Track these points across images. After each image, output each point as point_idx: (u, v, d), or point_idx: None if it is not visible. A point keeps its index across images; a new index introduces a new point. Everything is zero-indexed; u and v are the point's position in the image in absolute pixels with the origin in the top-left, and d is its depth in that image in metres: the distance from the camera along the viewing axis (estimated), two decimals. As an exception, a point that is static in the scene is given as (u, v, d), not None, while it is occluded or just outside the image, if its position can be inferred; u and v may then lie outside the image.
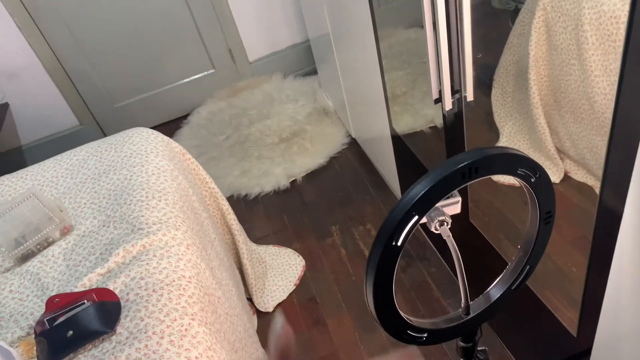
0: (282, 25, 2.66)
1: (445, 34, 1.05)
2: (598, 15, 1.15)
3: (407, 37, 1.93)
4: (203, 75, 2.69)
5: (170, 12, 2.44)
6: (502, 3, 1.81)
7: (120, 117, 2.64)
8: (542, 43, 1.36)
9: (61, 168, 1.24)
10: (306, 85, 2.61)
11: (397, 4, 1.81)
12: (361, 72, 1.72)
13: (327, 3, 1.79)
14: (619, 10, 1.15)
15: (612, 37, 1.11)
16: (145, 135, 1.28)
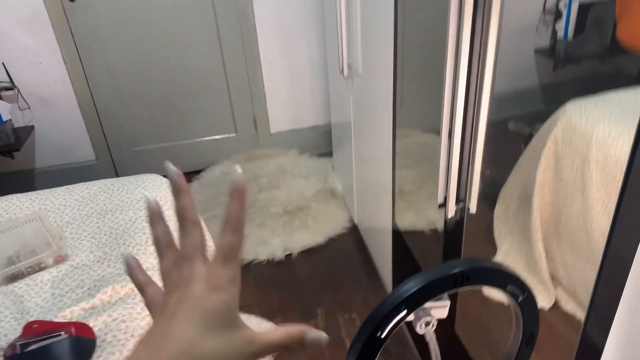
0: (308, 106, 2.79)
1: (459, 145, 1.11)
2: (604, 157, 1.22)
3: (422, 140, 2.02)
4: (225, 137, 2.78)
5: (207, 72, 2.58)
6: (517, 127, 1.91)
7: (136, 160, 2.71)
8: (550, 171, 1.42)
9: (71, 198, 1.28)
10: (320, 164, 2.69)
11: (418, 108, 1.91)
12: (374, 164, 1.78)
13: (354, 95, 1.90)
14: (624, 155, 1.22)
15: (615, 180, 1.16)
16: (158, 182, 1.33)
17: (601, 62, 1.70)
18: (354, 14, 1.63)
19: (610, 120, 1.28)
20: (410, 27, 1.39)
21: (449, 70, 1.01)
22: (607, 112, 1.31)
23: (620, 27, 1.56)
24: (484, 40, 0.91)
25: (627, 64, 1.59)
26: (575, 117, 1.35)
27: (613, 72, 1.66)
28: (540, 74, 1.82)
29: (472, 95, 1.09)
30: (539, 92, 1.89)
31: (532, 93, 1.87)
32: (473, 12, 0.92)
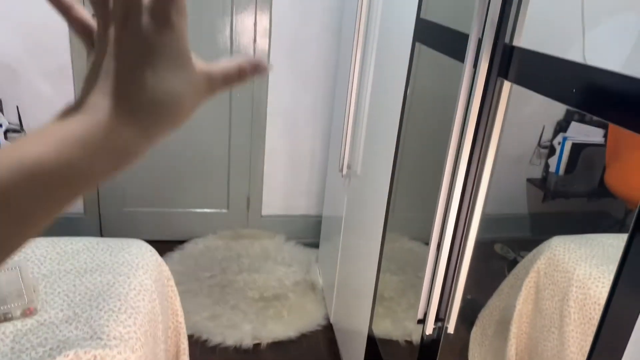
0: (303, 194, 2.84)
1: (446, 261, 1.13)
2: (584, 296, 1.24)
3: (410, 248, 2.04)
4: (215, 211, 2.80)
5: (212, 146, 2.66)
6: (503, 250, 1.95)
7: (123, 221, 2.70)
8: (530, 302, 1.43)
9: (53, 251, 1.27)
10: (304, 254, 2.69)
11: (409, 215, 1.95)
12: (359, 263, 1.79)
13: (349, 194, 1.95)
14: (603, 299, 1.24)
15: (592, 321, 1.17)
16: (143, 249, 1.32)
17: (589, 201, 1.78)
18: (360, 120, 1.72)
19: (592, 262, 1.32)
20: (412, 140, 1.46)
21: (445, 187, 1.05)
22: (590, 253, 1.35)
23: (609, 172, 1.65)
24: (480, 164, 0.97)
25: (614, 207, 1.66)
26: (559, 253, 1.39)
27: (600, 213, 1.73)
28: (530, 202, 1.89)
29: (463, 214, 1.13)
30: (528, 220, 1.95)
31: (521, 220, 1.92)
32: (473, 137, 0.99)
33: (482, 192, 1.03)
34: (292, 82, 2.59)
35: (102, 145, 0.30)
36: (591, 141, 1.74)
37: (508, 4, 0.76)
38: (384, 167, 1.47)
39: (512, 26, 0.75)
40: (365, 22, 1.62)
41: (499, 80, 0.76)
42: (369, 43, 1.62)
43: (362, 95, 1.70)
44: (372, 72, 1.59)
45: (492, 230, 1.87)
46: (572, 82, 0.61)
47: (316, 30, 2.51)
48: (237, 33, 2.47)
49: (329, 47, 2.55)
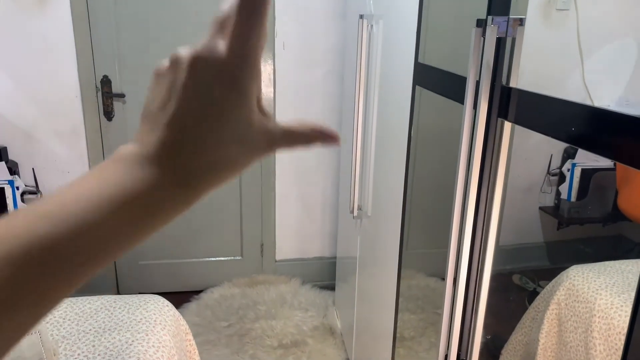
0: (316, 237, 2.84)
1: (463, 297, 1.12)
2: (607, 327, 1.22)
3: (426, 284, 2.02)
4: (229, 259, 2.80)
5: (223, 196, 2.69)
6: (522, 281, 1.92)
7: (139, 274, 2.72)
8: (553, 335, 1.41)
9: (72, 311, 1.28)
10: (321, 298, 2.66)
11: (423, 251, 1.94)
12: (377, 304, 1.77)
13: (362, 235, 1.95)
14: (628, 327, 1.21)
15: (619, 352, 1.15)
16: (160, 305, 1.33)
17: (604, 226, 1.76)
18: (367, 162, 1.75)
19: (612, 290, 1.30)
20: (420, 177, 1.48)
21: (455, 222, 1.06)
22: (610, 281, 1.33)
23: (621, 196, 1.64)
24: (489, 197, 0.97)
25: (629, 230, 1.64)
26: (578, 283, 1.37)
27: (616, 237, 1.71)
28: (545, 231, 1.88)
29: (477, 247, 1.13)
30: (544, 249, 1.93)
31: (537, 249, 1.91)
32: (479, 173, 1.00)
33: (493, 224, 1.04)
34: (298, 127, 2.64)
35: (150, 205, 0.29)
36: (601, 166, 1.75)
37: (502, 46, 0.79)
38: (394, 206, 1.48)
39: (508, 68, 0.78)
40: (365, 67, 1.67)
41: (499, 121, 0.78)
42: (370, 87, 1.66)
43: (368, 138, 1.73)
44: (376, 115, 1.63)
45: (509, 262, 1.85)
46: (571, 121, 0.63)
47: (320, 76, 2.57)
48: (242, 84, 2.54)
49: (332, 92, 2.60)
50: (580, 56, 1.48)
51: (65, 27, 2.31)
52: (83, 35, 2.34)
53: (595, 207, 1.75)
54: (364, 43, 1.64)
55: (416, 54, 1.18)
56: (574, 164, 1.75)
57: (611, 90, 1.54)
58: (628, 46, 1.43)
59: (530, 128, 0.73)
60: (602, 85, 1.53)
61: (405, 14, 1.27)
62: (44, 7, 2.27)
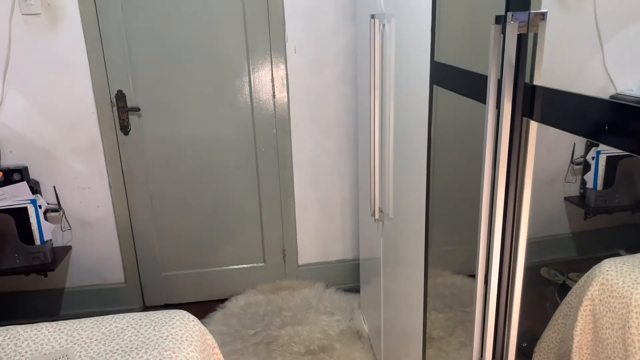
0: (338, 240, 2.82)
1: (496, 295, 1.09)
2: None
3: (452, 282, 1.98)
4: (252, 266, 2.80)
5: (243, 204, 2.68)
6: (551, 274, 1.88)
7: (163, 285, 2.73)
8: (588, 332, 1.36)
9: (98, 331, 1.28)
10: (346, 301, 2.64)
11: (448, 249, 1.91)
12: (404, 304, 1.75)
13: (385, 237, 1.92)
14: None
15: (659, 349, 1.10)
16: (186, 321, 1.32)
17: (633, 214, 1.71)
18: (386, 164, 1.72)
19: (649, 285, 1.25)
20: (442, 176, 1.44)
21: (484, 219, 1.03)
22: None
23: (649, 182, 1.58)
24: (518, 194, 0.94)
25: (661, 217, 1.58)
26: (612, 277, 1.32)
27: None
28: (572, 222, 1.83)
29: (507, 242, 1.10)
30: (572, 240, 1.88)
31: (564, 240, 1.85)
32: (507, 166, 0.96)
33: (524, 224, 1.01)
34: (313, 131, 2.62)
35: None
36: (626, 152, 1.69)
37: (523, 42, 0.75)
38: (416, 206, 1.46)
39: (531, 65, 0.75)
40: (380, 68, 1.64)
41: (524, 120, 0.75)
42: (386, 87, 1.63)
43: (386, 139, 1.70)
44: (393, 115, 1.60)
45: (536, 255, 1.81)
46: (601, 119, 0.60)
47: (332, 78, 2.55)
48: (257, 90, 2.54)
49: (346, 93, 2.58)
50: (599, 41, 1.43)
51: (78, 45, 2.33)
52: (96, 51, 2.36)
53: (623, 194, 1.70)
54: (376, 43, 1.61)
55: (432, 53, 1.15)
56: (598, 151, 1.69)
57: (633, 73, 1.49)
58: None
59: (557, 127, 0.70)
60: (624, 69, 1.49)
61: (418, 12, 1.24)
62: (56, 27, 2.29)
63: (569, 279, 1.69)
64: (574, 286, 1.52)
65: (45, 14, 2.27)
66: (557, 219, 1.89)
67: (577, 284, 1.48)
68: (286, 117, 2.58)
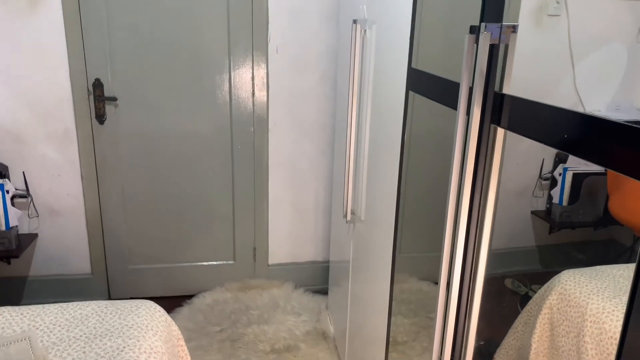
0: (309, 242, 2.84)
1: (457, 299, 1.12)
2: (599, 331, 1.22)
3: (419, 288, 2.02)
4: (222, 263, 2.79)
5: (216, 200, 2.68)
6: (514, 285, 1.93)
7: (130, 278, 2.70)
8: (545, 340, 1.41)
9: (62, 317, 1.26)
10: (313, 302, 2.66)
11: (416, 255, 1.94)
12: (370, 307, 1.77)
13: (355, 239, 1.95)
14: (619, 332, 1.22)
15: (610, 357, 1.16)
16: (152, 310, 1.32)
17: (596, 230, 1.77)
18: (361, 167, 1.75)
19: (604, 295, 1.31)
20: (414, 181, 1.48)
21: (449, 226, 1.06)
22: (602, 286, 1.34)
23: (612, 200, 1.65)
24: (482, 202, 0.98)
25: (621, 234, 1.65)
26: (570, 288, 1.38)
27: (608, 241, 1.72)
28: (537, 235, 1.88)
29: (470, 251, 1.13)
30: (536, 253, 1.94)
31: (529, 253, 1.91)
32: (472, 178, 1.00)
33: (486, 230, 1.04)
34: (291, 132, 2.64)
35: None
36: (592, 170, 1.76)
37: (495, 53, 0.79)
38: (387, 210, 1.49)
39: (501, 74, 0.78)
40: (359, 72, 1.67)
41: (492, 127, 0.79)
42: (364, 92, 1.66)
43: (361, 143, 1.73)
44: (369, 119, 1.63)
45: (501, 265, 1.86)
46: (563, 127, 0.63)
47: (313, 80, 2.58)
48: (236, 87, 2.54)
49: (325, 96, 2.61)
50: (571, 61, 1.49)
51: (57, 30, 2.30)
52: (75, 38, 2.33)
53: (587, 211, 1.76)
54: (357, 48, 1.64)
55: (409, 60, 1.18)
56: (565, 168, 1.75)
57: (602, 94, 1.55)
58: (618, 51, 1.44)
59: (522, 134, 0.73)
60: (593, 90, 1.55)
61: (398, 20, 1.27)
62: (35, 10, 2.26)
63: (532, 291, 1.74)
64: (534, 295, 1.57)
65: (25, -4, 2.24)
66: (523, 232, 1.95)
67: (538, 292, 1.53)
68: (264, 117, 2.59)
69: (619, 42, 1.47)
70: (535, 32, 1.57)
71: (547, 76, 1.47)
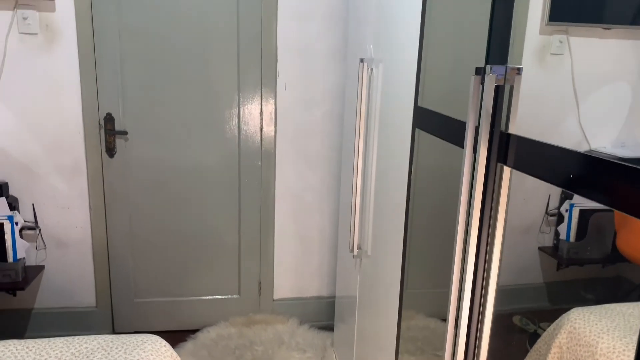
0: (315, 276, 2.82)
1: (465, 337, 1.11)
2: (611, 371, 1.20)
3: (425, 325, 2.00)
4: (227, 297, 2.78)
5: (222, 234, 2.68)
6: (522, 323, 1.90)
7: (135, 312, 2.68)
8: (556, 379, 1.38)
9: (67, 352, 1.26)
10: (319, 338, 2.62)
11: (423, 292, 1.93)
12: (377, 345, 1.75)
13: (362, 275, 1.94)
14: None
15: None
16: (158, 346, 1.31)
17: (604, 267, 1.76)
18: (367, 202, 1.76)
19: (614, 334, 1.29)
20: (421, 217, 1.48)
21: (457, 264, 1.06)
22: (612, 325, 1.32)
23: (619, 237, 1.65)
24: (490, 239, 0.98)
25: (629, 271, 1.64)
26: (580, 326, 1.36)
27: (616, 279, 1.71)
28: (545, 271, 1.87)
29: (478, 287, 1.13)
30: (544, 290, 1.92)
31: (537, 290, 1.89)
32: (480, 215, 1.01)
33: (494, 267, 1.04)
34: (298, 166, 2.67)
35: None
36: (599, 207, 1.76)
37: (501, 93, 0.81)
38: (394, 245, 1.49)
39: (507, 114, 0.80)
40: (365, 109, 1.70)
41: (498, 166, 0.80)
42: (370, 128, 1.69)
43: (368, 177, 1.75)
44: (376, 155, 1.65)
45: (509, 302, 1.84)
46: (568, 167, 0.64)
47: (320, 116, 2.62)
48: (245, 122, 2.58)
49: (332, 131, 2.64)
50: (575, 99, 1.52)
51: (72, 67, 2.36)
52: (89, 74, 2.39)
53: (595, 247, 1.75)
54: (364, 85, 1.67)
55: (416, 98, 1.21)
56: (572, 204, 1.76)
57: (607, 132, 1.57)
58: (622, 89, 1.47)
59: (528, 174, 0.75)
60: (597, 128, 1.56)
61: (405, 59, 1.31)
62: (52, 47, 2.33)
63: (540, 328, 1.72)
64: (543, 334, 1.55)
65: (42, 34, 2.31)
66: (531, 268, 1.93)
67: (547, 331, 1.51)
68: (272, 151, 2.62)
69: (623, 80, 1.50)
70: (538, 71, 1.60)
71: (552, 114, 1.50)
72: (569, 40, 1.51)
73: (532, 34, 1.48)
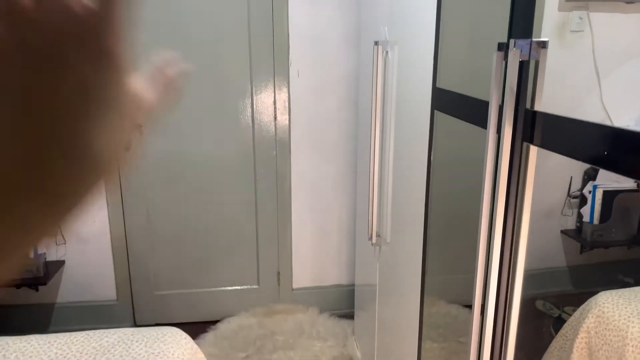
0: (334, 264, 2.80)
1: (492, 323, 1.08)
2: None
3: (447, 311, 1.97)
4: (246, 288, 2.77)
5: (240, 225, 2.68)
6: (546, 307, 1.86)
7: (155, 304, 2.69)
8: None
9: (89, 345, 1.26)
10: (339, 327, 2.61)
11: (444, 278, 1.90)
12: (398, 333, 1.73)
13: (381, 262, 1.92)
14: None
15: (657, 383, 1.09)
16: (178, 338, 1.31)
17: (629, 248, 1.71)
18: (385, 188, 1.73)
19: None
20: (441, 202, 1.45)
21: (482, 248, 1.03)
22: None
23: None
24: (517, 221, 0.94)
25: (657, 253, 1.59)
26: (608, 310, 1.32)
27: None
28: (568, 255, 1.82)
29: (504, 274, 1.09)
30: (567, 274, 1.87)
31: (560, 274, 1.85)
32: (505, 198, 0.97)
33: (521, 251, 1.01)
34: (313, 154, 2.64)
35: None
36: (623, 187, 1.70)
37: (525, 69, 0.77)
38: (414, 232, 1.46)
39: (532, 91, 0.76)
40: (382, 94, 1.66)
41: (524, 145, 0.76)
42: (387, 113, 1.65)
43: (385, 164, 1.71)
44: (393, 141, 1.61)
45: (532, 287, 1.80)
46: (598, 143, 0.61)
47: (334, 103, 2.58)
48: (258, 112, 2.56)
49: (347, 118, 2.61)
50: (597, 77, 1.46)
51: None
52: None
53: (620, 229, 1.70)
54: (379, 69, 1.63)
55: (434, 79, 1.17)
56: (595, 185, 1.70)
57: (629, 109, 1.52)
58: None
59: (557, 152, 0.71)
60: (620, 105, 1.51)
61: (421, 39, 1.27)
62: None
63: (565, 313, 1.68)
64: (570, 318, 1.51)
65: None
66: (554, 252, 1.89)
67: (573, 316, 1.47)
68: (287, 140, 2.60)
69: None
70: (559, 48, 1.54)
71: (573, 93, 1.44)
72: (589, 17, 1.44)
73: (550, 11, 1.42)
